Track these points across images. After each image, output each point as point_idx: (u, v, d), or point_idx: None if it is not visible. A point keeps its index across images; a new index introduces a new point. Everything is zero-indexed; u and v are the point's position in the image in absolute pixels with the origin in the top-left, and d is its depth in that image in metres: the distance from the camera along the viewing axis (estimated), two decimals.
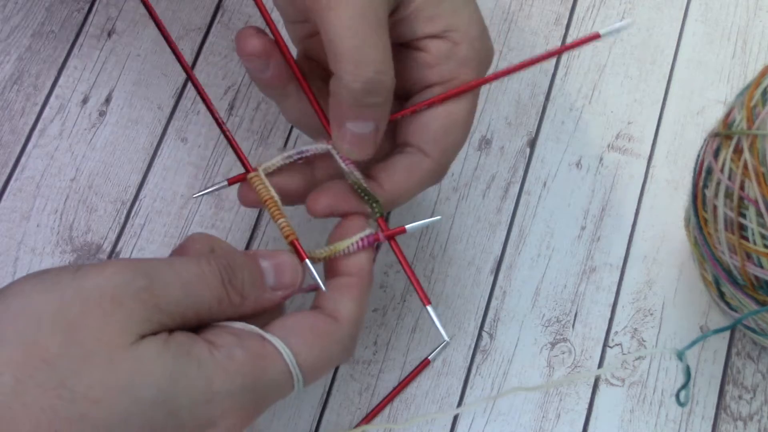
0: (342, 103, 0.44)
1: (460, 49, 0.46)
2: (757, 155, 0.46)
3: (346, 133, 0.45)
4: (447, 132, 0.47)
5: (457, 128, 0.48)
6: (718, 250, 0.50)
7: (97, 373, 0.38)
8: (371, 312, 0.56)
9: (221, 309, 0.42)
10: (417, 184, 0.48)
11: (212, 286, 0.42)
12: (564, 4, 0.63)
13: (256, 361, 0.41)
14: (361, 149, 0.46)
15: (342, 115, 0.45)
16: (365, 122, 0.45)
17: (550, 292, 0.57)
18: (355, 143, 0.46)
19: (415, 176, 0.47)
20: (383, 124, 0.46)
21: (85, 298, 0.39)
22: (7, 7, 0.62)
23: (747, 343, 0.56)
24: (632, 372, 0.55)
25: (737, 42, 0.62)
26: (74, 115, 0.60)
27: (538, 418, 0.55)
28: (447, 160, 0.48)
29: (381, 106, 0.45)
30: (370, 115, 0.45)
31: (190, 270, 0.42)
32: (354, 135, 0.45)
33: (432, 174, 0.48)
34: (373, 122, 0.45)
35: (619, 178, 0.59)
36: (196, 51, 0.62)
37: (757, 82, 0.49)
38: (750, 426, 0.54)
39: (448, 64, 0.47)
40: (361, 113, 0.44)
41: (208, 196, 0.58)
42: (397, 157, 0.48)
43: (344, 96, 0.44)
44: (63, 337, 0.38)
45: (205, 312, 0.42)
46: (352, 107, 0.44)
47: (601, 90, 0.61)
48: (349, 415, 0.54)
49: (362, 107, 0.44)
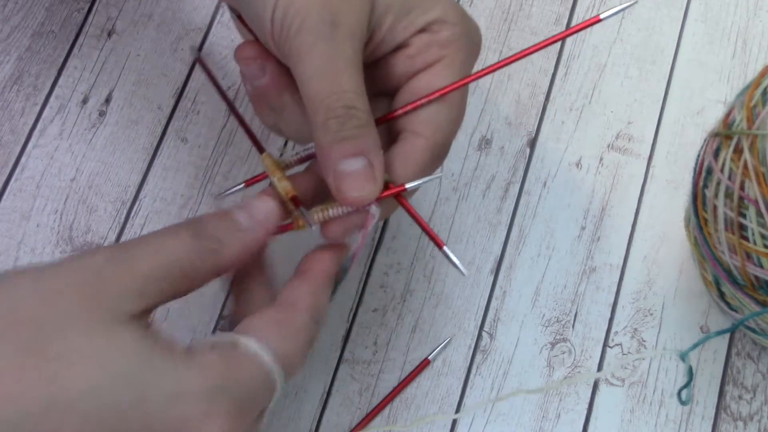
0: (325, 147, 0.44)
1: (440, 35, 0.47)
2: (757, 155, 0.46)
3: (340, 177, 0.45)
4: (438, 112, 0.47)
5: (448, 107, 0.47)
6: (718, 250, 0.50)
7: (70, 339, 0.38)
8: (371, 312, 0.56)
9: (203, 260, 0.42)
10: (416, 166, 0.47)
11: (183, 239, 0.42)
12: (564, 4, 0.63)
13: (230, 362, 0.41)
14: (360, 187, 0.45)
15: (330, 159, 0.45)
16: (353, 158, 0.44)
17: (550, 292, 0.57)
18: (353, 182, 0.45)
19: (412, 159, 0.47)
20: (376, 158, 0.45)
21: (64, 270, 0.40)
22: (7, 7, 0.62)
23: (747, 343, 0.56)
24: (632, 372, 0.55)
25: (737, 42, 0.62)
26: (74, 115, 0.60)
27: (538, 418, 0.55)
28: (442, 138, 0.48)
29: (363, 137, 0.44)
30: (356, 148, 0.44)
31: (158, 234, 0.42)
32: (349, 174, 0.44)
33: (428, 153, 0.47)
34: (362, 156, 0.44)
35: (619, 178, 0.59)
36: (196, 51, 0.62)
37: (757, 82, 0.49)
38: (750, 426, 0.54)
39: (430, 50, 0.47)
40: (345, 149, 0.44)
41: (208, 198, 0.58)
42: (393, 146, 0.47)
43: (324, 138, 0.44)
44: (38, 303, 0.39)
45: (189, 268, 0.42)
46: (334, 145, 0.44)
47: (601, 90, 0.61)
48: (349, 415, 0.54)
49: (342, 142, 0.44)
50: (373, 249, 0.58)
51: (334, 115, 0.44)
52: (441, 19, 0.47)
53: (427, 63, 0.47)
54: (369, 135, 0.45)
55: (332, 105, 0.44)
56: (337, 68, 0.44)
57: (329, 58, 0.44)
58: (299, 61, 0.44)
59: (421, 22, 0.46)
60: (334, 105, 0.44)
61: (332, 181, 0.45)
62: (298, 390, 0.55)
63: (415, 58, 0.47)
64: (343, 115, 0.44)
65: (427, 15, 0.47)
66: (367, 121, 0.45)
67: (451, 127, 0.48)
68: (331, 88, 0.44)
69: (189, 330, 0.56)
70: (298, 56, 0.44)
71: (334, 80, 0.44)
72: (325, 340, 0.56)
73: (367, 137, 0.45)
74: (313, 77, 0.44)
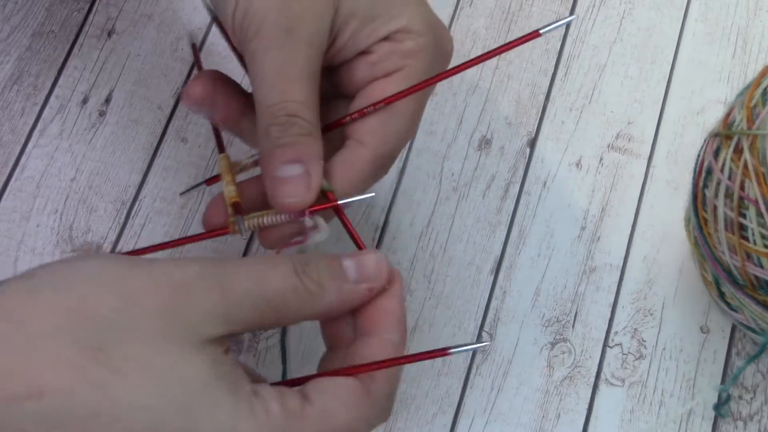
0: (265, 152, 0.44)
1: (404, 45, 0.46)
2: (757, 155, 0.46)
3: (275, 182, 0.44)
4: (385, 122, 0.47)
5: (396, 118, 0.47)
6: (718, 250, 0.50)
7: (138, 349, 0.37)
8: None
9: (299, 299, 0.41)
10: (357, 175, 0.46)
11: (284, 273, 0.40)
12: (564, 4, 0.63)
13: (291, 419, 0.39)
14: (293, 194, 0.44)
15: (268, 164, 0.44)
16: (290, 165, 0.44)
17: (550, 292, 0.57)
18: (287, 188, 0.44)
19: (353, 168, 0.46)
20: (313, 167, 0.44)
21: (154, 274, 0.39)
22: (7, 7, 0.62)
23: (747, 343, 0.56)
24: (632, 372, 0.55)
25: (737, 42, 0.62)
26: (74, 115, 0.60)
27: (538, 418, 0.55)
28: (386, 149, 0.47)
29: (302, 145, 0.44)
30: (294, 155, 0.44)
31: (259, 260, 0.41)
32: (284, 180, 0.44)
33: (370, 164, 0.47)
34: (298, 164, 0.44)
35: (619, 178, 0.59)
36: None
37: (757, 82, 0.49)
38: (750, 426, 0.54)
39: (392, 59, 0.47)
40: (283, 155, 0.44)
41: (209, 197, 0.58)
42: (337, 153, 0.47)
43: (264, 144, 0.44)
44: (118, 304, 0.38)
45: (282, 304, 0.40)
46: (274, 150, 0.44)
47: (601, 90, 0.61)
48: None
49: (281, 148, 0.44)
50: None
51: (276, 122, 0.44)
52: (406, 29, 0.46)
53: (386, 71, 0.47)
54: (309, 144, 0.44)
55: (276, 113, 0.44)
56: (287, 77, 0.44)
57: (280, 66, 0.44)
58: (253, 64, 0.44)
59: (386, 30, 0.46)
60: (277, 113, 0.44)
61: (268, 186, 0.45)
62: None
63: (376, 66, 0.47)
64: (285, 123, 0.44)
65: (392, 23, 0.46)
66: (309, 131, 0.44)
67: (399, 138, 0.48)
68: (277, 97, 0.44)
69: None
70: (253, 60, 0.44)
71: (282, 89, 0.44)
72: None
73: (307, 145, 0.44)
74: (263, 83, 0.44)
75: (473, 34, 0.62)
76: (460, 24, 0.62)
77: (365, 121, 0.47)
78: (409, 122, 0.48)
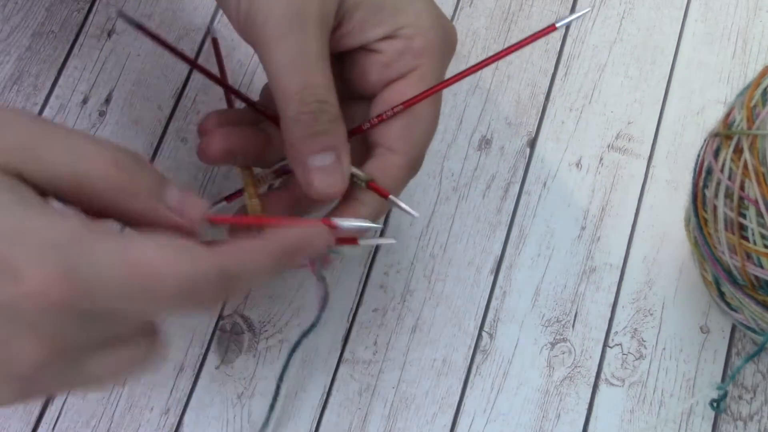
0: (296, 142, 0.45)
1: (414, 42, 0.47)
2: (757, 155, 0.46)
3: (309, 172, 0.45)
4: (411, 127, 0.48)
5: (421, 121, 0.48)
6: (718, 250, 0.50)
7: None
8: (371, 312, 0.56)
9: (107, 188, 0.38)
10: (393, 183, 0.48)
11: (106, 159, 0.38)
12: (564, 4, 0.63)
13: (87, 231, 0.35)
14: (330, 182, 0.45)
15: (299, 153, 0.45)
16: (324, 153, 0.45)
17: (550, 292, 0.57)
18: (321, 178, 0.45)
19: (389, 176, 0.47)
20: (344, 153, 0.45)
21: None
22: (7, 7, 0.62)
23: (747, 343, 0.56)
24: (632, 372, 0.55)
25: (737, 42, 0.62)
26: (74, 115, 0.60)
27: (538, 418, 0.55)
28: (417, 153, 0.48)
29: (333, 132, 0.45)
30: (326, 144, 0.45)
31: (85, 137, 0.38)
32: (317, 170, 0.45)
33: (405, 169, 0.48)
34: (331, 152, 0.45)
35: (619, 178, 0.59)
36: (196, 51, 0.62)
37: (757, 82, 0.49)
38: (750, 426, 0.54)
39: (404, 59, 0.47)
40: (315, 144, 0.45)
41: (209, 197, 0.58)
42: (369, 162, 0.48)
43: (295, 132, 0.44)
44: None
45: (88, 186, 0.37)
46: (304, 140, 0.44)
47: (601, 90, 0.61)
48: (349, 415, 0.54)
49: (314, 137, 0.44)
50: (373, 249, 0.58)
51: (307, 110, 0.44)
52: (413, 24, 0.47)
53: (401, 73, 0.47)
54: (339, 130, 0.45)
55: (305, 99, 0.44)
56: (307, 62, 0.44)
57: (300, 52, 0.44)
58: (268, 51, 0.44)
59: (392, 23, 0.46)
60: (307, 99, 0.44)
61: (301, 175, 0.45)
62: (298, 390, 0.55)
63: (390, 67, 0.47)
64: (316, 110, 0.44)
65: (398, 16, 0.47)
66: (337, 116, 0.45)
67: (425, 140, 0.48)
68: (303, 83, 0.44)
69: (189, 330, 0.56)
70: (267, 47, 0.44)
71: (306, 75, 0.44)
72: (325, 340, 0.56)
73: (337, 132, 0.45)
74: (284, 71, 0.44)
75: (473, 34, 0.62)
76: (460, 24, 0.62)
77: (390, 128, 0.47)
78: (432, 122, 0.48)
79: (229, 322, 0.56)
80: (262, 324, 0.56)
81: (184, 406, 0.55)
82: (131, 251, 0.35)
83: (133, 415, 0.54)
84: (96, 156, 0.38)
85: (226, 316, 0.56)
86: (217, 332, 0.56)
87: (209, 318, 0.56)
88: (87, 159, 0.38)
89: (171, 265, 0.35)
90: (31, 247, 0.34)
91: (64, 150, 0.37)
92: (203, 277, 0.36)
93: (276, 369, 0.55)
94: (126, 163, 0.38)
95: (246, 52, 0.61)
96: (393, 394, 0.55)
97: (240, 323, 0.56)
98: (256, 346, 0.56)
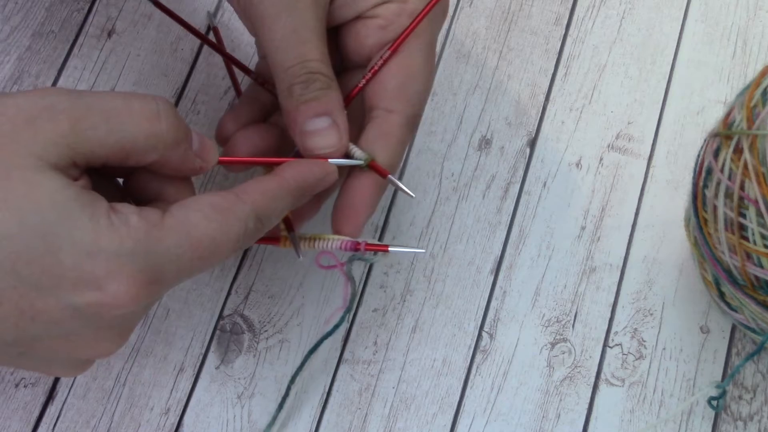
0: (291, 110, 0.46)
1: (408, 4, 0.48)
2: (757, 155, 0.46)
3: (306, 135, 0.47)
4: (406, 85, 0.49)
5: (415, 78, 0.49)
6: (718, 250, 0.50)
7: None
8: (371, 312, 0.56)
9: (147, 144, 0.40)
10: (396, 143, 0.49)
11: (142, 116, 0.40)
12: (564, 4, 0.63)
13: (151, 229, 0.39)
14: (326, 142, 0.47)
15: (296, 121, 0.47)
16: (318, 118, 0.46)
17: (550, 292, 0.57)
18: (319, 139, 0.47)
19: (390, 136, 0.48)
20: (339, 117, 0.47)
21: (10, 103, 0.38)
22: (7, 7, 0.62)
23: (747, 343, 0.56)
24: (632, 372, 0.55)
25: (737, 42, 0.62)
26: None
27: (538, 418, 0.55)
28: (414, 110, 0.49)
29: (325, 98, 0.46)
30: (319, 109, 0.46)
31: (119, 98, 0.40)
32: (314, 132, 0.47)
33: (404, 127, 0.49)
34: (326, 116, 0.46)
35: (619, 178, 0.59)
36: (196, 51, 0.62)
37: (757, 82, 0.49)
38: (750, 426, 0.54)
39: (400, 19, 0.48)
40: (308, 110, 0.46)
41: None
42: (368, 126, 0.49)
43: (290, 102, 0.46)
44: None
45: (130, 146, 0.40)
46: (299, 107, 0.46)
47: (601, 90, 0.61)
48: (349, 415, 0.54)
49: (307, 104, 0.46)
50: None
51: (299, 81, 0.46)
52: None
53: (397, 33, 0.48)
54: (331, 96, 0.47)
55: (297, 72, 0.46)
56: (301, 39, 0.46)
57: (293, 29, 0.46)
58: (263, 29, 0.46)
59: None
60: (298, 72, 0.46)
61: (299, 140, 0.47)
62: (298, 390, 0.55)
63: (386, 29, 0.49)
64: (308, 79, 0.46)
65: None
66: (329, 84, 0.47)
67: (421, 97, 0.49)
68: (295, 58, 0.46)
69: (189, 330, 0.56)
70: (263, 25, 0.46)
71: (299, 50, 0.46)
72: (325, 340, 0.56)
73: (330, 98, 0.47)
74: (279, 48, 0.46)
75: (473, 34, 0.62)
76: (460, 24, 0.62)
77: (386, 88, 0.48)
78: (427, 78, 0.49)
79: (229, 322, 0.56)
80: (262, 324, 0.56)
81: (184, 406, 0.55)
82: (192, 233, 0.40)
83: (133, 415, 0.54)
84: (138, 115, 0.40)
85: (226, 316, 0.56)
86: (217, 332, 0.56)
87: (209, 318, 0.56)
88: (130, 123, 0.40)
89: (225, 232, 0.41)
90: (107, 258, 0.38)
91: (105, 120, 0.40)
92: (247, 230, 0.42)
93: (276, 369, 0.55)
94: (166, 113, 0.41)
95: (247, 52, 0.61)
96: (393, 394, 0.55)
97: (240, 323, 0.56)
98: (256, 346, 0.56)
